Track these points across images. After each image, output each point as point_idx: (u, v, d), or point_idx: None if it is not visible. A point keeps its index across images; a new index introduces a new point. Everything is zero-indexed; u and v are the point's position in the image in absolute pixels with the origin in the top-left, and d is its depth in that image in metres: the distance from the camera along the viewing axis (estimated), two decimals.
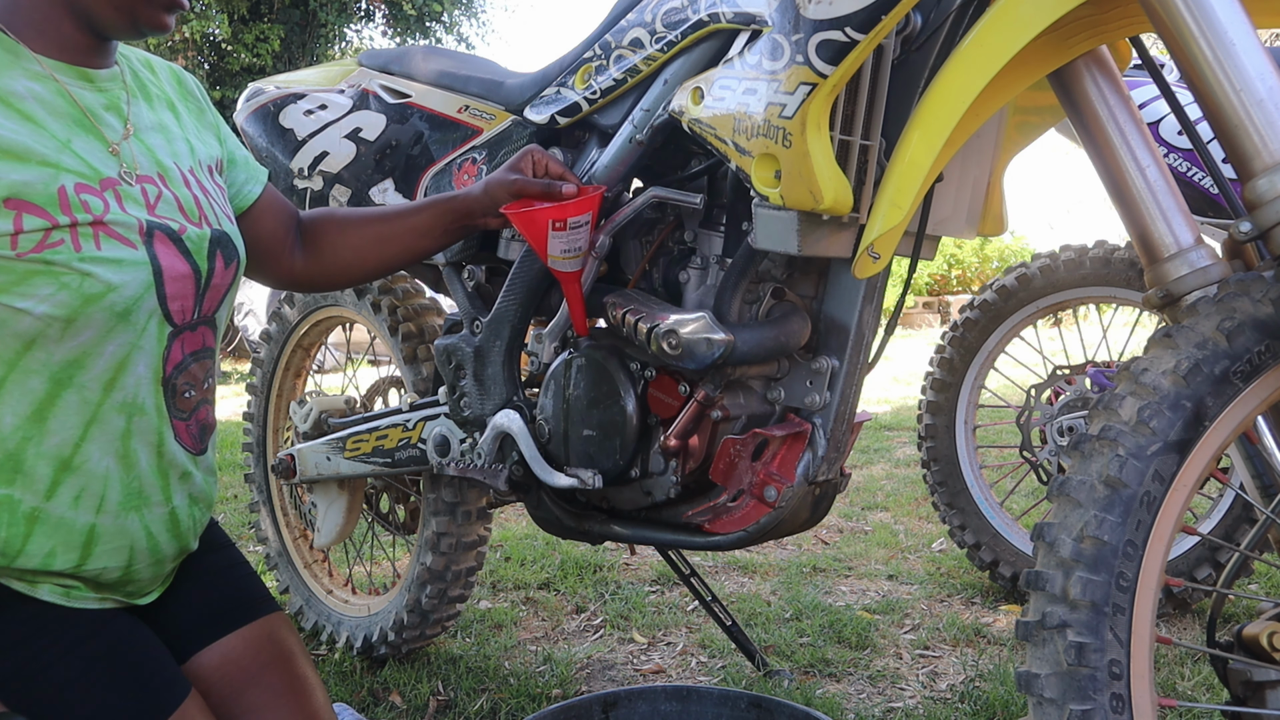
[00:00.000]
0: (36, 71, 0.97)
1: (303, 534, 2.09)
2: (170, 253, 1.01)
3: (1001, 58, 0.99)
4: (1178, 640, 1.14)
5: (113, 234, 0.96)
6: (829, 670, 1.89)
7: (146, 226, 1.00)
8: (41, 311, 0.93)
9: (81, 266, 0.94)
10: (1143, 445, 0.86)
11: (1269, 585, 2.28)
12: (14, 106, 0.94)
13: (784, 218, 1.11)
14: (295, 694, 1.12)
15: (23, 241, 0.91)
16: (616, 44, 1.29)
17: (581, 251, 1.25)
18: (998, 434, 4.14)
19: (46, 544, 0.98)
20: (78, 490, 0.99)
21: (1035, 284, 2.24)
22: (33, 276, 0.92)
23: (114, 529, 1.02)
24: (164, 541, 1.07)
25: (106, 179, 0.98)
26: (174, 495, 1.07)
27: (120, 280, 0.96)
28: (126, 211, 0.98)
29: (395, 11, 13.89)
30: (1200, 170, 1.91)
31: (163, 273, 1.00)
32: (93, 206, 0.95)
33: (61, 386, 0.97)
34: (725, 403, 1.24)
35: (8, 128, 0.92)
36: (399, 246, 1.31)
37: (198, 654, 1.11)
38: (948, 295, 11.98)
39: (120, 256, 0.96)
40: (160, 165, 1.06)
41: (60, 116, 0.98)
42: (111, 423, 1.00)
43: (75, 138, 0.98)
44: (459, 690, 1.81)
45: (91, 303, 0.95)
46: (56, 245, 0.93)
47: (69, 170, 0.95)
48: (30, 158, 0.93)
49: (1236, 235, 0.93)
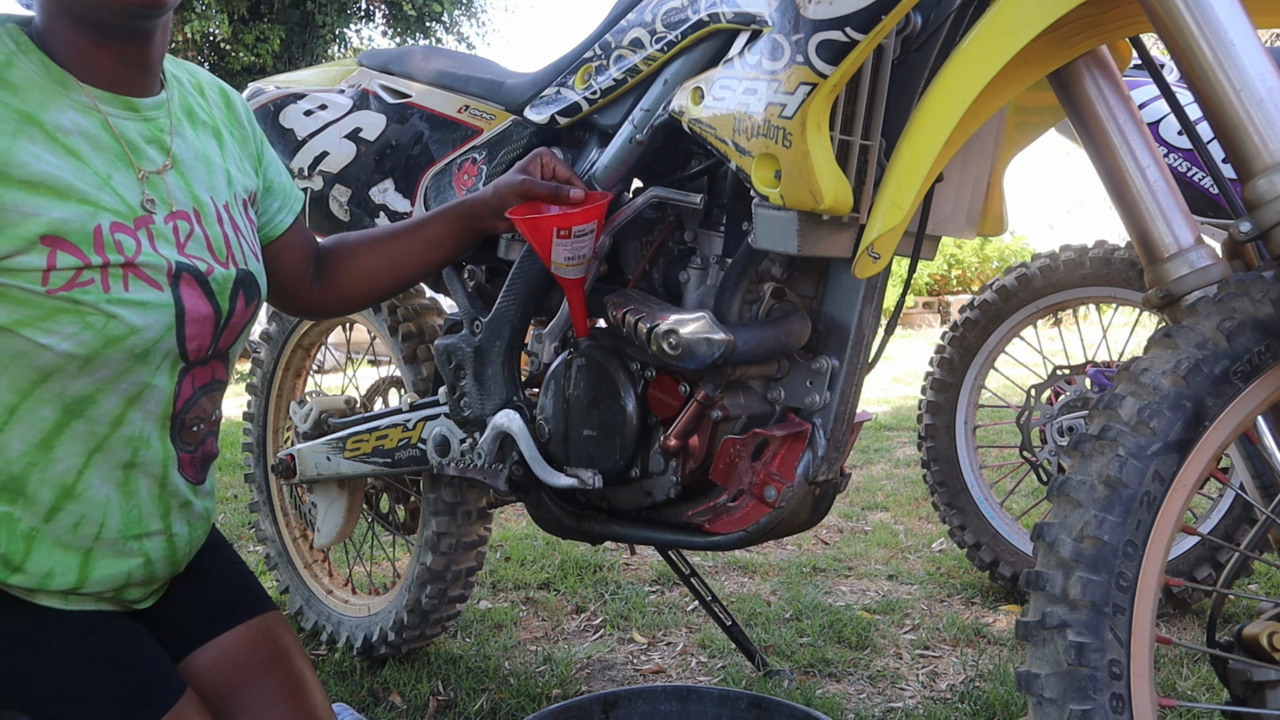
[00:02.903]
0: (83, 103, 0.97)
1: (303, 534, 2.09)
2: (195, 294, 1.01)
3: (1002, 58, 0.99)
4: (1178, 640, 1.14)
5: (142, 276, 0.97)
6: (829, 670, 1.89)
7: (175, 268, 0.99)
8: (63, 349, 0.93)
9: (108, 308, 0.94)
10: (1143, 445, 0.86)
11: (1269, 585, 2.28)
12: (60, 141, 0.94)
13: (784, 218, 1.11)
14: (292, 692, 1.12)
15: (54, 278, 0.91)
16: (616, 44, 1.29)
17: (585, 259, 1.25)
18: (998, 434, 4.14)
19: (45, 564, 0.99)
20: (78, 517, 1.00)
21: (1035, 284, 2.24)
22: (59, 314, 0.92)
23: (111, 554, 1.03)
24: (160, 566, 1.08)
25: (141, 216, 0.98)
26: (173, 523, 1.08)
27: (144, 323, 0.97)
28: (158, 251, 0.98)
29: (395, 11, 13.90)
30: (1200, 170, 1.91)
31: (185, 314, 1.00)
32: (125, 247, 0.95)
33: (71, 417, 0.98)
34: (725, 403, 1.24)
35: (52, 164, 0.92)
36: (414, 262, 1.31)
37: (193, 653, 1.11)
38: (948, 295, 11.98)
39: (146, 299, 0.97)
40: (196, 200, 1.05)
41: (103, 151, 0.97)
42: (116, 454, 1.01)
43: (116, 173, 0.98)
44: (459, 690, 1.81)
45: (113, 344, 0.95)
46: (86, 285, 0.93)
47: (107, 209, 0.95)
48: (71, 195, 0.93)
49: (1236, 235, 0.93)
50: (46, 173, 0.91)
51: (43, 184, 0.91)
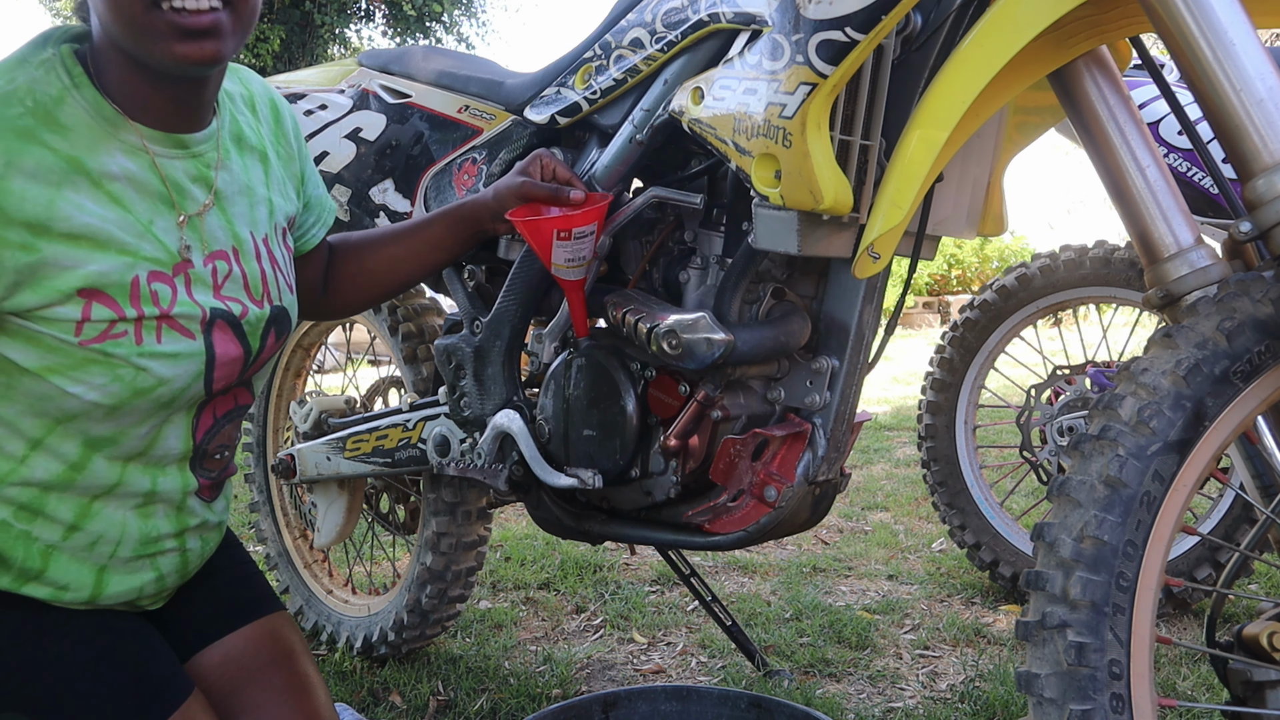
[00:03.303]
0: (131, 144, 0.95)
1: (303, 534, 2.09)
2: (226, 338, 1.01)
3: (1002, 58, 0.99)
4: (1178, 640, 1.14)
5: (175, 326, 0.96)
6: (829, 670, 1.89)
7: (209, 315, 0.99)
8: (90, 399, 0.93)
9: (139, 361, 0.94)
10: (1143, 445, 0.86)
11: (1269, 585, 2.28)
12: (105, 188, 0.92)
13: (784, 218, 1.11)
14: (295, 692, 1.12)
15: (87, 330, 0.91)
16: (616, 44, 1.29)
17: (585, 260, 1.25)
18: (998, 434, 4.14)
19: (62, 577, 1.00)
20: (94, 537, 1.00)
21: (1035, 284, 2.24)
22: (89, 364, 0.92)
23: (125, 571, 1.04)
24: (172, 579, 1.09)
25: (180, 263, 0.97)
26: (188, 540, 1.09)
27: (173, 374, 0.97)
28: (193, 299, 0.98)
29: (395, 11, 13.89)
30: (1200, 170, 1.91)
31: (215, 361, 1.00)
32: (161, 298, 0.95)
33: (94, 450, 0.98)
34: (725, 403, 1.24)
35: (95, 214, 0.91)
36: (415, 265, 1.31)
37: (201, 652, 1.12)
38: (948, 295, 11.97)
39: (178, 350, 0.96)
40: (236, 238, 1.04)
41: (147, 195, 0.96)
42: (136, 483, 1.02)
43: (158, 217, 0.96)
44: (459, 690, 1.81)
45: (140, 395, 0.95)
46: (119, 337, 0.92)
47: (146, 258, 0.94)
48: (111, 245, 0.92)
49: (1236, 235, 0.93)
50: (89, 224, 0.90)
51: (84, 236, 0.90)
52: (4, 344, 0.91)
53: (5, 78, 0.90)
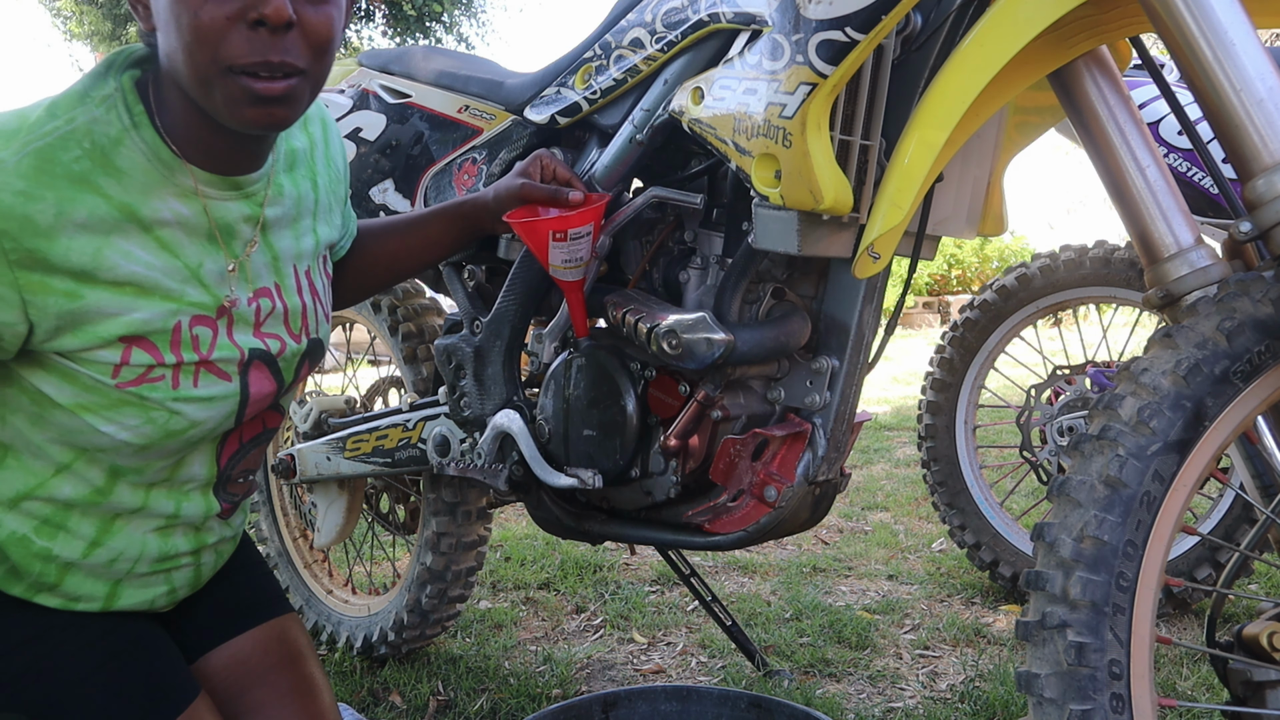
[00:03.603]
0: (185, 188, 0.93)
1: (303, 534, 2.09)
2: (262, 376, 1.01)
3: (1001, 58, 0.99)
4: (1178, 640, 1.14)
5: (213, 370, 0.96)
6: (829, 670, 1.89)
7: (247, 356, 0.99)
8: (121, 438, 0.93)
9: (173, 405, 0.94)
10: (1143, 445, 0.86)
11: (1269, 585, 2.28)
12: (154, 234, 0.91)
13: (784, 218, 1.11)
14: (301, 695, 1.12)
15: (124, 373, 0.91)
16: (616, 44, 1.29)
17: (583, 261, 1.25)
18: (998, 434, 4.14)
19: (76, 590, 1.00)
20: (114, 554, 1.01)
21: (1035, 284, 2.24)
22: (124, 406, 0.92)
23: (139, 586, 1.04)
24: (183, 591, 1.10)
25: (223, 305, 0.96)
26: (202, 556, 1.09)
27: (206, 416, 0.97)
28: (233, 341, 0.97)
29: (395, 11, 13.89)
30: (1200, 170, 1.91)
31: (249, 400, 1.00)
32: (201, 343, 0.94)
33: (120, 477, 0.98)
34: (725, 403, 1.24)
35: (142, 261, 0.89)
36: (412, 261, 1.31)
37: (209, 653, 1.12)
38: (948, 295, 11.97)
39: (213, 394, 0.96)
40: (279, 273, 1.03)
41: (197, 238, 0.94)
42: (160, 507, 1.02)
43: (207, 259, 0.95)
44: (459, 690, 1.81)
45: (172, 436, 0.95)
46: (156, 381, 0.92)
47: (190, 304, 0.93)
48: (156, 293, 0.91)
49: (1236, 235, 0.93)
50: (135, 273, 0.89)
51: (129, 283, 0.89)
52: (40, 378, 0.91)
53: (65, 116, 0.87)
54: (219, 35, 0.83)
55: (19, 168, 0.83)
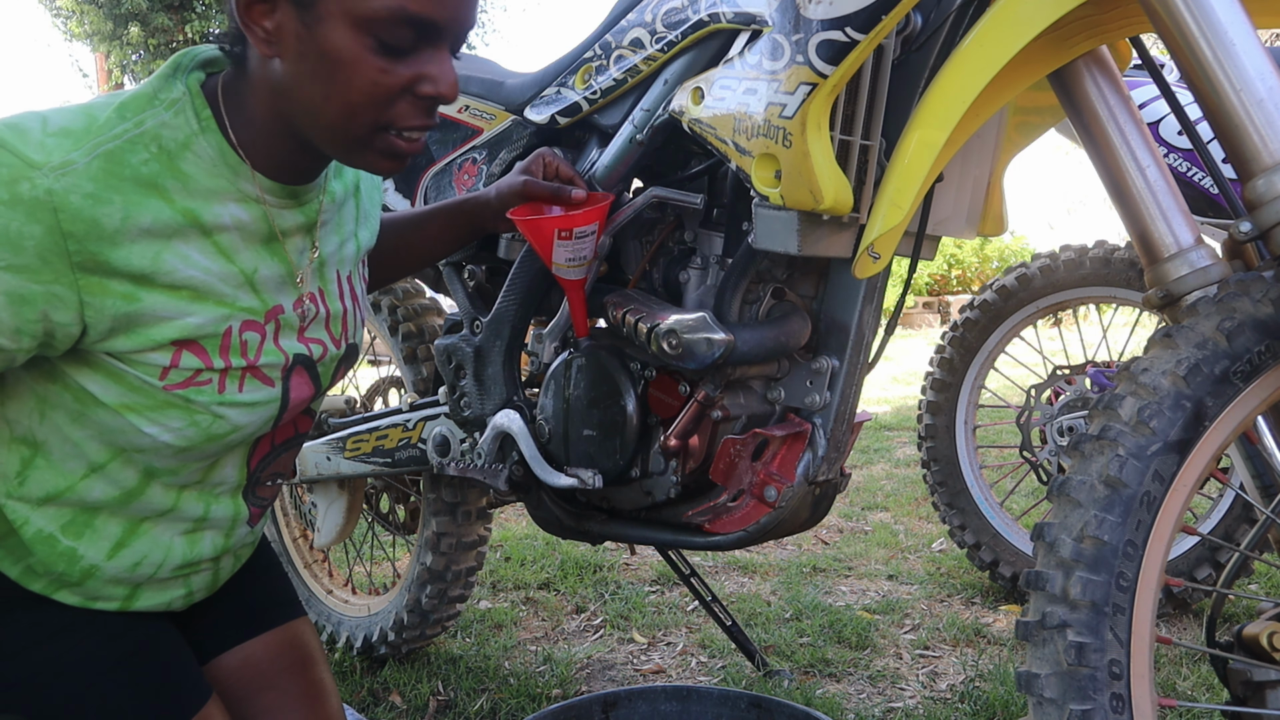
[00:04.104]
0: (246, 193, 0.92)
1: (303, 534, 2.09)
2: (302, 381, 1.01)
3: (1002, 58, 0.99)
4: (1178, 640, 1.14)
5: (259, 375, 0.96)
6: (829, 670, 1.89)
7: (291, 361, 0.99)
8: (164, 440, 0.93)
9: (218, 410, 0.94)
10: (1143, 445, 0.86)
11: (1269, 585, 2.28)
12: (213, 239, 0.90)
13: (784, 218, 1.11)
14: (310, 700, 1.12)
15: (172, 375, 0.91)
16: (617, 44, 1.29)
17: (586, 260, 1.25)
18: (998, 434, 4.14)
19: (96, 591, 1.00)
20: (139, 557, 1.00)
21: (1035, 284, 2.24)
22: (169, 408, 0.92)
23: (157, 589, 1.04)
24: (200, 594, 1.10)
25: (273, 309, 0.96)
26: (222, 560, 1.09)
27: (248, 421, 0.97)
28: (279, 346, 0.97)
29: None
30: (1200, 170, 1.91)
31: (289, 405, 1.01)
32: (249, 348, 0.94)
33: (153, 478, 0.98)
34: (725, 403, 1.24)
35: (200, 266, 0.89)
36: (413, 258, 1.31)
37: (220, 655, 1.12)
38: (948, 295, 11.96)
39: (256, 399, 0.96)
40: (323, 279, 1.03)
41: (254, 243, 0.94)
42: (190, 509, 1.02)
43: (262, 264, 0.95)
44: (459, 690, 1.81)
45: (213, 440, 0.96)
46: (203, 385, 0.92)
47: (241, 309, 0.93)
48: (209, 297, 0.90)
49: (1236, 235, 0.93)
50: (192, 277, 0.89)
51: (186, 288, 0.89)
52: (86, 376, 0.91)
53: (134, 120, 0.87)
54: (391, 100, 0.87)
55: (89, 169, 0.83)
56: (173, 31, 12.51)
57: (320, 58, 0.84)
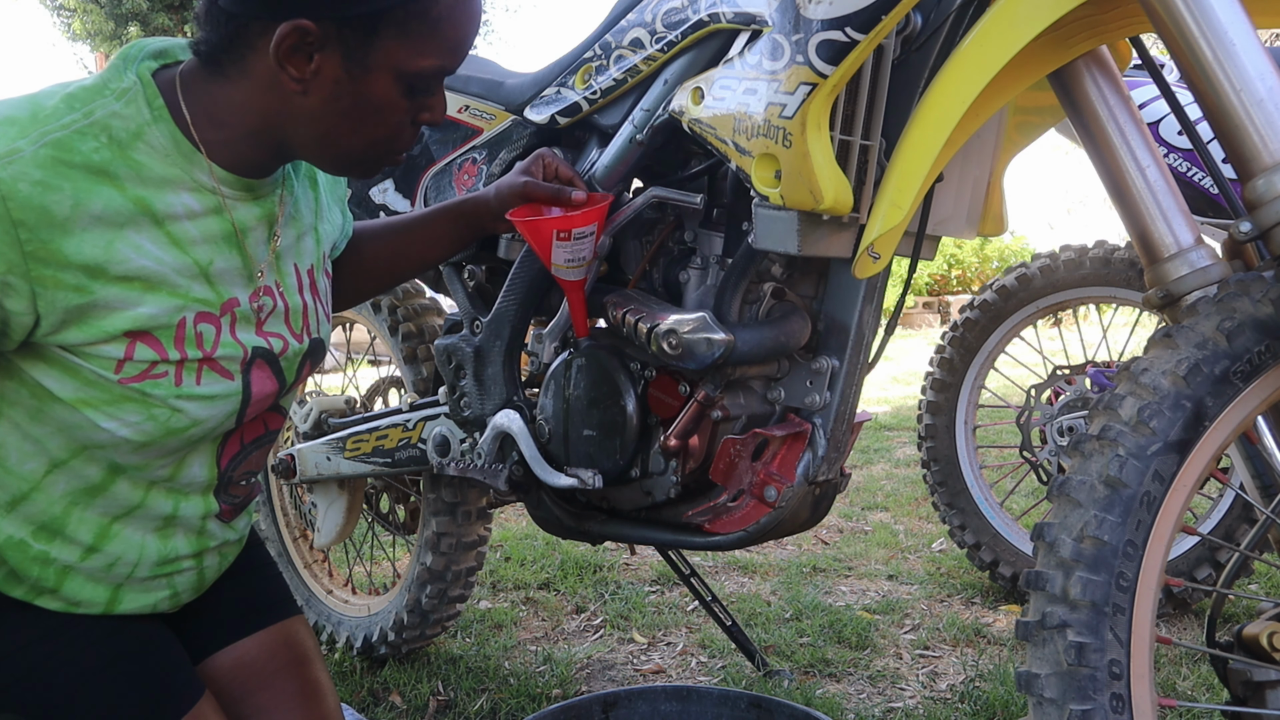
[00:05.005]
0: (201, 183, 0.92)
1: (303, 534, 2.09)
2: (264, 375, 1.01)
3: (1002, 58, 0.99)
4: (1178, 640, 1.14)
5: (216, 368, 0.96)
6: (829, 670, 1.89)
7: (250, 354, 0.98)
8: (122, 435, 0.93)
9: (175, 403, 0.93)
10: (1143, 445, 0.86)
11: (1269, 585, 2.28)
12: (166, 229, 0.90)
13: (784, 218, 1.11)
14: (305, 698, 1.12)
15: (127, 368, 0.90)
16: (616, 44, 1.29)
17: (586, 261, 1.25)
18: (998, 434, 4.14)
19: (76, 594, 0.99)
20: (113, 558, 1.00)
21: (1035, 284, 2.24)
22: (125, 402, 0.91)
23: (140, 590, 1.03)
24: (186, 595, 1.09)
25: (228, 301, 0.96)
26: (205, 559, 1.09)
27: (208, 415, 0.96)
28: (236, 339, 0.97)
29: None
30: (1200, 170, 1.91)
31: (251, 399, 1.00)
32: (205, 340, 0.94)
33: (118, 475, 0.98)
34: (725, 403, 1.24)
35: (152, 256, 0.89)
36: (413, 260, 1.31)
37: (215, 655, 1.12)
38: (948, 295, 11.96)
39: (215, 392, 0.96)
40: (281, 271, 1.03)
41: (210, 236, 0.94)
42: (158, 506, 1.01)
43: (218, 257, 0.95)
44: (459, 690, 1.81)
45: (172, 434, 0.95)
46: (159, 377, 0.92)
47: (196, 300, 0.93)
48: (162, 288, 0.90)
49: (1236, 235, 0.93)
50: (144, 267, 0.88)
51: (138, 278, 0.88)
52: (41, 371, 0.90)
53: (82, 110, 0.87)
54: (401, 129, 0.96)
55: (36, 157, 0.83)
56: (173, 31, 12.50)
57: (356, 99, 0.91)
